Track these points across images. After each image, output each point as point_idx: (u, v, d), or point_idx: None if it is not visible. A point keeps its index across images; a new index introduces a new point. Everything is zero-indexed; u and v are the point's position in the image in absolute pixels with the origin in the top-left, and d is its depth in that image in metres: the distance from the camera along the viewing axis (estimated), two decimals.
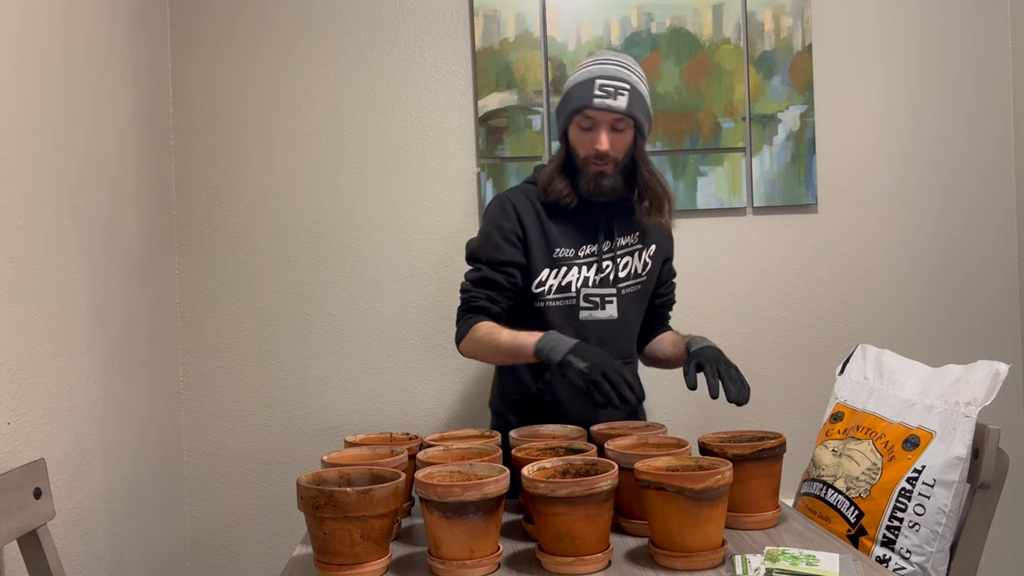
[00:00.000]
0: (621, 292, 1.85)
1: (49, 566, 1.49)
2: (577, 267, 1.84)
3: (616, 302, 1.85)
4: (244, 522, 2.45)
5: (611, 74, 1.76)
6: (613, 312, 1.84)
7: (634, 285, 1.87)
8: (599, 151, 1.76)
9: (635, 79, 1.78)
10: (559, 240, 1.84)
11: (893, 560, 1.57)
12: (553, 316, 1.83)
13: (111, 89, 2.04)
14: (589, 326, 1.83)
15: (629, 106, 1.74)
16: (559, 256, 1.83)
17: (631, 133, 1.79)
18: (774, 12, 2.46)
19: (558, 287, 1.83)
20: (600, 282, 1.84)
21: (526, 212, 1.85)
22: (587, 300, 1.84)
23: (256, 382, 2.44)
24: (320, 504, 1.26)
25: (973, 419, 1.55)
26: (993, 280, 2.53)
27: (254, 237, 2.44)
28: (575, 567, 1.30)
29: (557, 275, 1.83)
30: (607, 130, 1.76)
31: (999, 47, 2.53)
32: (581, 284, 1.83)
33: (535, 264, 1.83)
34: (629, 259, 1.87)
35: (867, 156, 2.52)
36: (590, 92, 1.75)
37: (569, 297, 1.83)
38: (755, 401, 2.50)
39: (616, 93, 1.74)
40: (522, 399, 1.88)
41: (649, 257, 1.90)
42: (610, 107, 1.74)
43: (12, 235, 1.59)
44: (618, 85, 1.75)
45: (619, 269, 1.86)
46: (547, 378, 1.83)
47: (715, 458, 1.42)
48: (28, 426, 1.62)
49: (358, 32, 2.45)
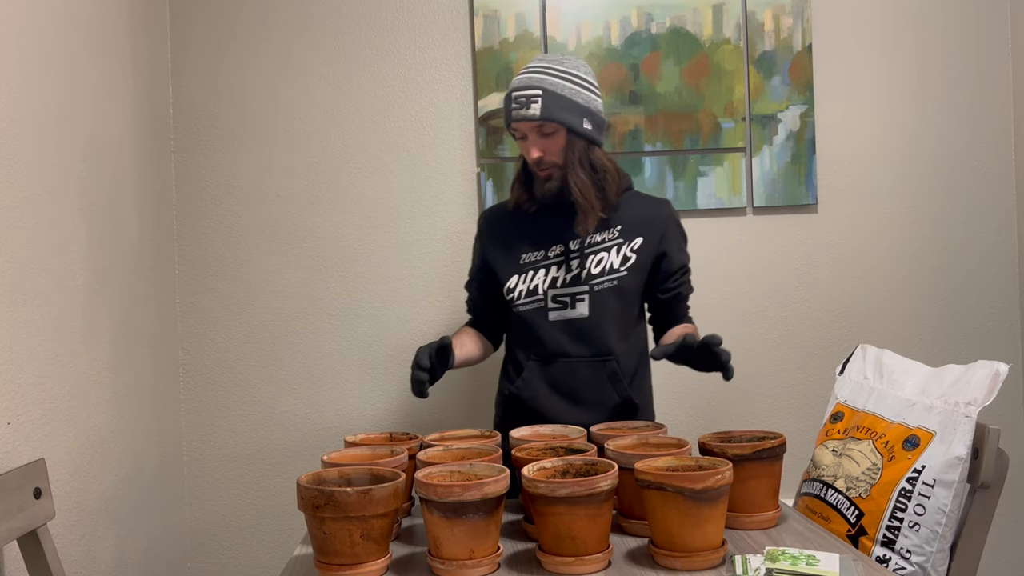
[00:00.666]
0: (593, 289, 1.84)
1: (49, 566, 1.49)
2: (545, 268, 1.86)
3: (588, 300, 1.84)
4: (244, 522, 2.45)
5: (522, 85, 1.79)
6: (584, 310, 1.84)
7: (609, 281, 1.85)
8: (533, 159, 1.81)
9: (551, 80, 1.77)
10: (526, 245, 1.88)
11: (893, 560, 1.57)
12: (525, 320, 1.87)
13: (111, 89, 2.04)
14: (559, 326, 1.84)
15: (543, 111, 1.76)
16: (526, 261, 1.88)
17: (562, 134, 1.79)
18: (774, 12, 2.46)
19: (527, 291, 1.87)
20: (571, 281, 1.85)
21: (493, 226, 1.96)
22: (555, 300, 1.85)
23: (256, 382, 2.44)
24: (320, 504, 1.26)
25: (973, 419, 1.55)
26: (993, 280, 2.53)
27: (254, 237, 2.44)
28: (575, 567, 1.30)
29: (525, 280, 1.87)
30: (535, 138, 1.79)
31: (999, 47, 2.53)
32: (548, 285, 1.86)
33: (503, 273, 1.90)
34: (604, 255, 1.85)
35: (867, 156, 2.52)
36: (509, 107, 1.81)
37: (537, 299, 1.86)
38: (755, 401, 2.50)
39: (528, 102, 1.76)
40: (508, 395, 1.91)
41: (632, 251, 1.86)
42: (523, 117, 1.77)
43: (12, 235, 1.59)
44: (529, 94, 1.77)
45: (592, 266, 1.85)
46: (524, 376, 1.87)
47: (715, 458, 1.42)
48: (28, 426, 1.62)
49: (358, 32, 2.45)
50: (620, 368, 1.85)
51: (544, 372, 1.86)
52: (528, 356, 1.87)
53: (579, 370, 1.84)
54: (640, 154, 2.44)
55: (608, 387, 1.85)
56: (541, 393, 1.86)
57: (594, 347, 1.84)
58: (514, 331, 1.92)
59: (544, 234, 1.88)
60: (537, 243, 1.88)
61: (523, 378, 1.87)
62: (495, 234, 1.94)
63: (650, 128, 2.44)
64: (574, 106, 1.78)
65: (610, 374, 1.84)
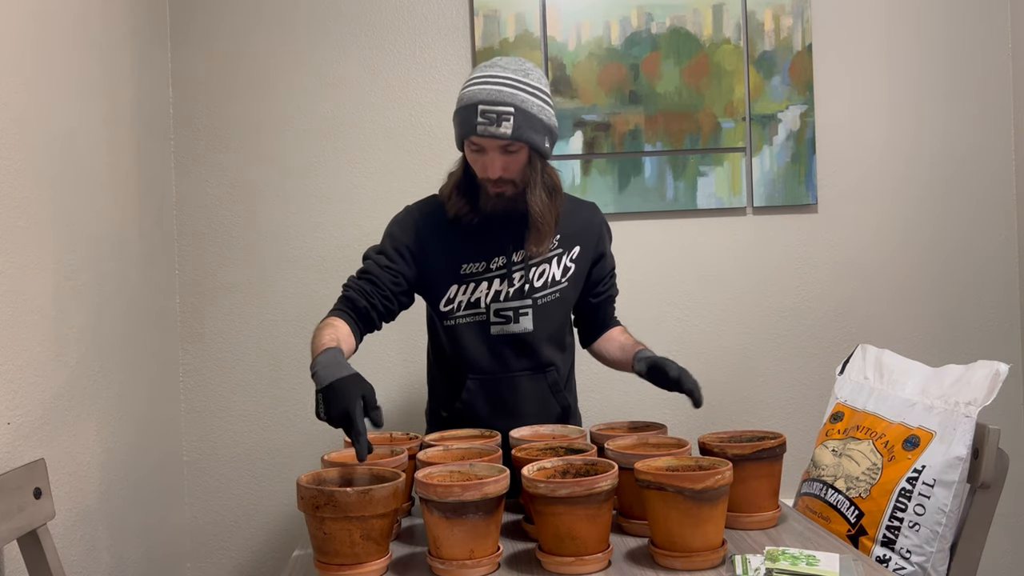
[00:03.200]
0: (537, 303, 1.77)
1: (49, 566, 1.49)
2: (487, 281, 1.77)
3: (531, 314, 1.77)
4: (244, 522, 2.45)
5: (492, 98, 1.63)
6: (528, 325, 1.77)
7: (552, 294, 1.79)
8: (491, 178, 1.68)
9: (523, 96, 1.65)
10: (466, 255, 1.77)
11: (893, 560, 1.57)
12: (464, 333, 1.78)
13: (111, 89, 2.04)
14: (501, 341, 1.77)
15: (515, 131, 1.63)
16: (467, 272, 1.77)
17: (525, 153, 1.68)
18: (774, 12, 2.46)
19: (467, 303, 1.77)
20: (513, 295, 1.76)
21: (430, 227, 1.79)
22: (498, 315, 1.77)
23: (256, 382, 2.44)
24: (320, 504, 1.26)
25: (973, 419, 1.55)
26: (993, 280, 2.53)
27: (254, 237, 2.44)
28: (575, 567, 1.30)
29: (466, 291, 1.77)
30: (498, 154, 1.67)
31: (999, 47, 2.53)
32: (491, 299, 1.76)
33: (440, 282, 1.78)
34: (546, 267, 1.79)
35: (867, 156, 2.52)
36: (473, 119, 1.64)
37: (479, 313, 1.77)
38: (755, 401, 2.50)
39: (500, 119, 1.62)
40: (448, 415, 1.84)
41: (571, 261, 1.81)
42: (493, 135, 1.63)
43: (12, 235, 1.58)
44: (500, 111, 1.63)
45: (535, 278, 1.78)
46: (464, 396, 1.80)
47: (715, 458, 1.42)
48: (28, 426, 1.62)
49: (358, 32, 2.45)
50: (559, 377, 1.83)
51: (484, 389, 1.79)
52: (466, 373, 1.79)
53: (521, 384, 1.79)
54: (640, 154, 2.44)
55: (550, 398, 1.82)
56: (484, 412, 1.79)
57: (536, 360, 1.80)
58: (448, 344, 1.80)
59: (485, 245, 1.77)
60: (478, 254, 1.77)
61: (462, 399, 1.80)
62: (432, 235, 1.78)
63: (650, 128, 2.44)
64: (541, 125, 1.68)
65: (551, 385, 1.81)
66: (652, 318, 2.47)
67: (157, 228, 2.30)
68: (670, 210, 2.46)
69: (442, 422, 1.85)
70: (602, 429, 1.68)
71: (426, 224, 1.79)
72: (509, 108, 1.63)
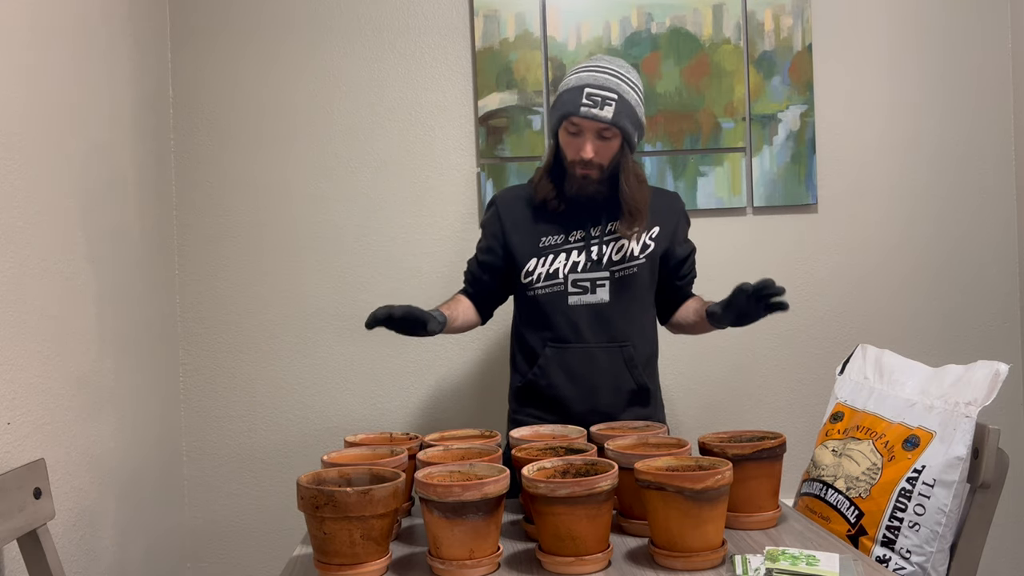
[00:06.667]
0: (615, 275, 1.86)
1: (49, 566, 1.49)
2: (566, 253, 1.86)
3: (608, 285, 1.85)
4: (244, 522, 2.45)
5: (600, 83, 1.78)
6: (605, 296, 1.85)
7: (630, 268, 1.87)
8: (583, 158, 1.80)
9: (625, 88, 1.79)
10: (547, 229, 1.88)
11: (893, 560, 1.57)
12: (543, 303, 1.87)
13: (111, 89, 2.04)
14: (578, 311, 1.85)
15: (615, 116, 1.77)
16: (546, 245, 1.87)
17: (618, 141, 1.81)
18: (774, 12, 2.46)
19: (546, 275, 1.86)
20: (591, 266, 1.86)
21: (511, 209, 1.92)
22: (575, 285, 1.85)
23: (256, 382, 2.44)
24: (320, 504, 1.26)
25: (973, 419, 1.55)
26: (993, 280, 2.53)
27: (254, 237, 2.44)
28: (575, 567, 1.31)
29: (544, 263, 1.87)
30: (593, 138, 1.79)
31: (999, 47, 2.53)
32: (569, 269, 1.85)
33: (522, 256, 1.88)
34: (625, 242, 1.87)
35: (867, 156, 2.52)
36: (578, 100, 1.77)
37: (557, 283, 1.86)
38: (755, 401, 2.50)
39: (603, 103, 1.76)
40: (522, 386, 1.91)
41: (651, 239, 1.90)
42: (596, 116, 1.76)
43: (12, 235, 1.59)
44: (605, 95, 1.77)
45: (613, 252, 1.86)
46: (540, 363, 1.86)
47: (715, 458, 1.42)
48: (28, 426, 1.62)
49: (358, 32, 2.45)
50: (636, 354, 1.87)
51: (561, 358, 1.86)
52: (544, 342, 1.87)
53: (597, 356, 1.85)
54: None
55: (625, 373, 1.86)
56: (558, 380, 1.86)
57: (612, 333, 1.86)
58: (528, 316, 1.90)
59: (565, 220, 1.88)
60: (557, 228, 1.88)
61: (539, 365, 1.87)
62: (513, 216, 1.92)
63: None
64: (636, 118, 1.82)
65: (627, 360, 1.86)
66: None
67: (157, 228, 2.30)
68: None
69: (517, 394, 1.92)
70: (602, 429, 1.68)
71: (508, 209, 1.93)
72: (613, 95, 1.77)
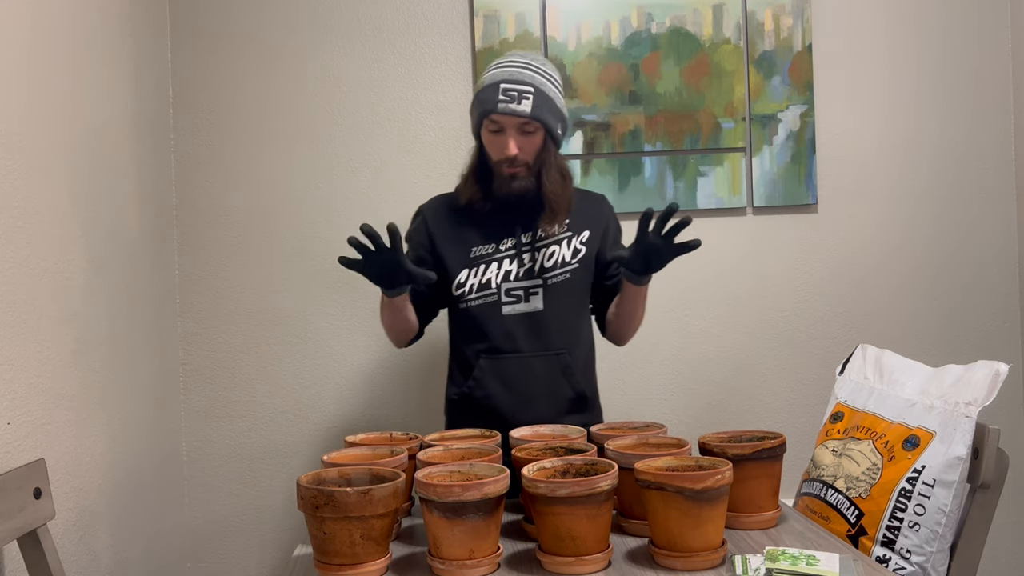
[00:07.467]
0: (547, 283, 1.84)
1: (49, 566, 1.49)
2: (497, 262, 1.84)
3: (542, 293, 1.83)
4: (244, 522, 2.45)
5: (515, 78, 1.75)
6: (538, 304, 1.83)
7: (562, 274, 1.85)
8: (508, 156, 1.77)
9: (541, 80, 1.77)
10: (476, 238, 1.85)
11: (893, 560, 1.57)
12: (476, 315, 1.84)
13: (112, 89, 2.04)
14: (513, 320, 1.83)
15: (535, 109, 1.74)
16: (477, 255, 1.85)
17: (541, 135, 1.78)
18: (774, 12, 2.46)
19: (478, 286, 1.84)
20: (524, 274, 1.83)
21: (437, 218, 1.89)
22: (509, 294, 1.83)
23: (256, 382, 2.44)
24: (320, 504, 1.26)
25: (973, 419, 1.55)
26: (993, 280, 2.53)
27: (254, 237, 2.44)
28: (575, 567, 1.30)
29: (476, 274, 1.84)
30: (515, 134, 1.77)
31: (999, 47, 2.53)
32: (502, 279, 1.83)
33: (452, 267, 1.85)
34: (556, 248, 1.85)
35: (867, 156, 2.52)
36: (495, 97, 1.75)
37: (490, 294, 1.83)
38: (755, 401, 2.50)
39: (520, 97, 1.74)
40: (457, 398, 1.88)
41: (581, 244, 1.87)
42: (514, 111, 1.74)
43: (12, 235, 1.59)
44: (522, 89, 1.74)
45: (544, 259, 1.84)
46: (475, 375, 1.84)
47: (715, 458, 1.42)
48: (28, 426, 1.62)
49: (358, 32, 2.45)
50: (573, 361, 1.85)
51: (496, 369, 1.83)
52: (478, 354, 1.84)
53: (533, 365, 1.83)
54: (640, 154, 2.44)
55: (562, 381, 1.84)
56: (494, 391, 1.83)
57: (548, 341, 1.83)
58: (461, 328, 1.87)
59: (494, 228, 1.85)
60: (487, 236, 1.85)
61: (474, 377, 1.84)
62: (441, 226, 1.88)
63: (650, 128, 2.44)
64: (556, 110, 1.80)
65: (563, 368, 1.84)
66: (652, 318, 2.46)
67: (157, 228, 2.30)
68: None
69: (452, 406, 1.89)
70: (602, 429, 1.68)
71: (435, 217, 1.90)
72: (529, 88, 1.75)
